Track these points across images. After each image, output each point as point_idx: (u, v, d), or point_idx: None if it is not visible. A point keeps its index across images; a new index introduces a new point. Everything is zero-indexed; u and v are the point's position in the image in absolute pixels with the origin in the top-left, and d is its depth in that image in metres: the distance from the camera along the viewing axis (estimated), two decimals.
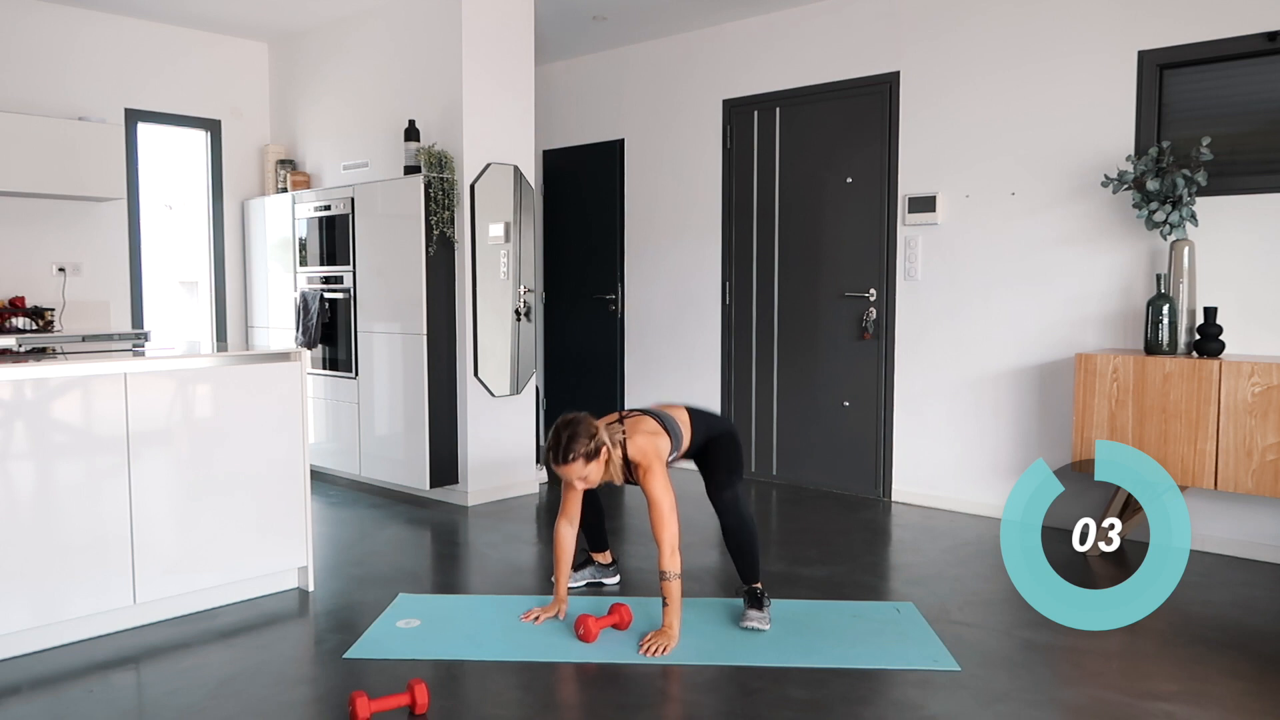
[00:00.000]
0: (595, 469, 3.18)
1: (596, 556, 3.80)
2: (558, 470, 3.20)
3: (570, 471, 3.17)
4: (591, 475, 3.19)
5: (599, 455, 3.18)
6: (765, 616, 3.31)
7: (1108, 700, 2.76)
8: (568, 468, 3.16)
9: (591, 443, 3.16)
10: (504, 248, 5.23)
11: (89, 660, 3.06)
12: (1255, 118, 4.16)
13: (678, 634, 3.16)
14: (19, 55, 5.48)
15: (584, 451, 3.15)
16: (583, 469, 3.16)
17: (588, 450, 3.16)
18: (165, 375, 3.34)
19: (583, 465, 3.16)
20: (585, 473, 3.17)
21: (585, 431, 3.16)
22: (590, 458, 3.16)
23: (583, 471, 3.17)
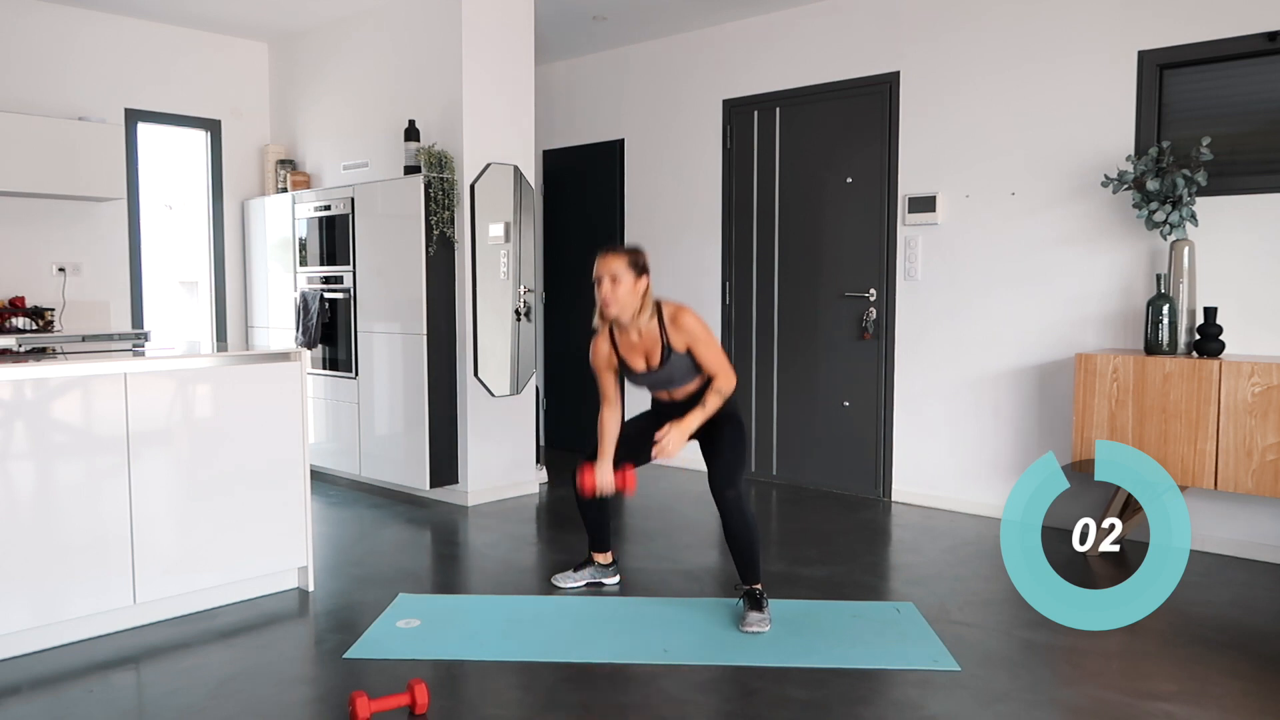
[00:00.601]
0: (629, 282, 3.26)
1: (598, 557, 3.79)
2: (599, 261, 3.28)
3: (611, 263, 3.25)
4: (623, 287, 3.25)
5: (640, 276, 3.29)
6: (765, 618, 3.31)
7: (1108, 700, 2.76)
8: (613, 257, 3.26)
9: (644, 261, 3.30)
10: (504, 248, 5.23)
11: (89, 660, 3.06)
12: (1255, 118, 4.16)
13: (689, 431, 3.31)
14: (19, 55, 5.48)
15: (632, 261, 3.27)
16: (622, 270, 3.25)
17: (636, 260, 3.28)
18: (165, 375, 3.34)
19: (624, 266, 3.25)
20: (622, 275, 3.24)
21: (643, 255, 3.32)
22: (634, 269, 3.27)
23: (622, 272, 3.24)
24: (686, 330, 3.32)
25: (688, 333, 3.32)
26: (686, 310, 3.35)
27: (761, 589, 3.40)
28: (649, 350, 3.38)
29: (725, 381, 3.37)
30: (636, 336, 3.39)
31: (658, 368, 3.38)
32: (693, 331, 3.32)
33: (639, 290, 3.29)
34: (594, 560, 3.78)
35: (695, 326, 3.33)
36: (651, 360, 3.38)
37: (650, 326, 3.35)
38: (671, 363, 3.36)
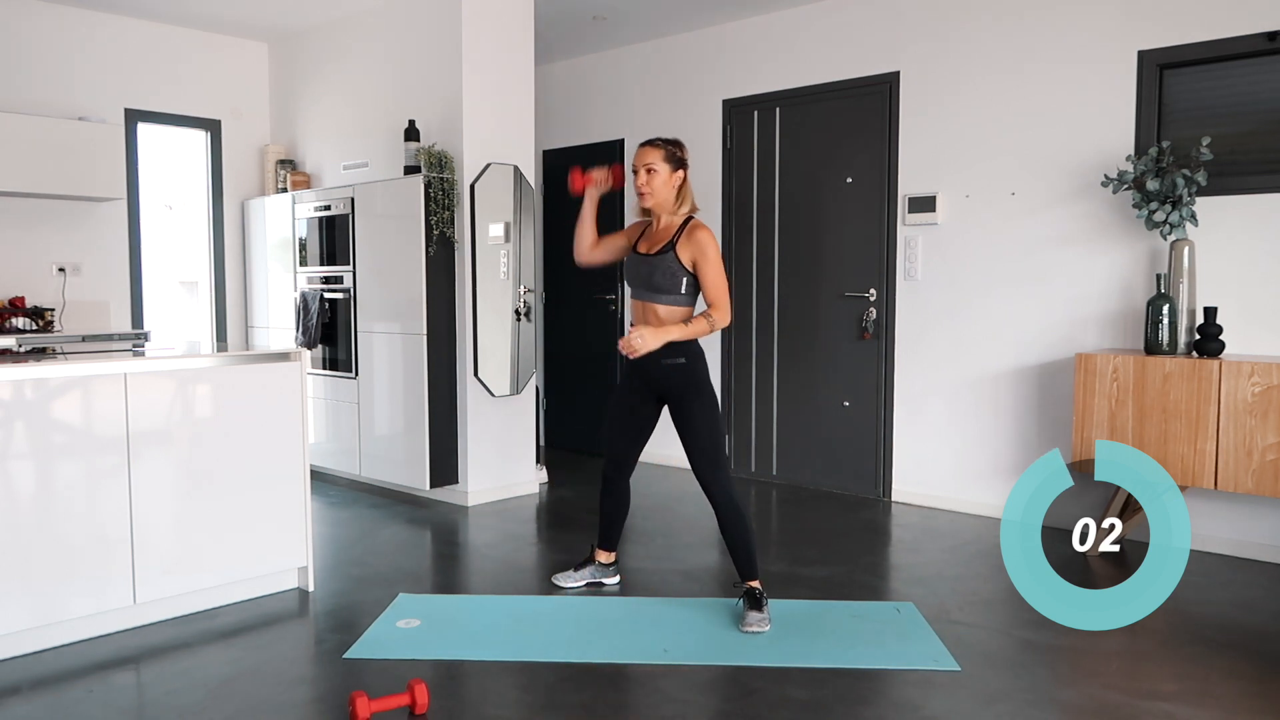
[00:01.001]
0: (664, 173, 3.33)
1: (601, 555, 3.75)
2: (640, 150, 3.36)
3: (647, 155, 3.33)
4: (659, 178, 3.33)
5: (678, 168, 3.36)
6: (765, 618, 3.31)
7: (1108, 700, 2.76)
8: (649, 149, 3.34)
9: (681, 156, 3.37)
10: (504, 248, 5.23)
11: (89, 660, 3.06)
12: (1255, 118, 4.16)
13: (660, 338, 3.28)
14: (19, 55, 5.48)
15: (669, 154, 3.34)
16: (659, 160, 3.33)
17: (674, 153, 3.35)
18: (165, 375, 3.34)
19: (661, 158, 3.33)
20: (658, 166, 3.32)
21: (683, 149, 3.40)
22: (671, 161, 3.34)
23: (659, 163, 3.32)
24: (697, 242, 3.31)
25: (697, 245, 3.31)
26: (707, 230, 3.36)
27: (760, 587, 3.40)
28: (657, 242, 3.41)
29: (721, 314, 3.33)
30: (657, 226, 3.46)
31: (651, 254, 3.38)
32: (702, 246, 3.31)
33: (674, 183, 3.36)
34: (595, 559, 3.75)
35: (708, 243, 3.32)
36: (652, 248, 3.41)
37: (672, 222, 3.41)
38: (664, 259, 3.34)
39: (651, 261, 3.38)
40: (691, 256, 3.33)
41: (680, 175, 3.38)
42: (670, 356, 3.35)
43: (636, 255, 3.47)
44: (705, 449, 3.36)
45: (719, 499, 3.36)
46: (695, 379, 3.38)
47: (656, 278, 3.36)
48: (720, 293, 3.34)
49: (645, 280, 3.40)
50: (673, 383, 3.38)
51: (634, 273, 3.46)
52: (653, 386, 3.45)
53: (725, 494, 3.35)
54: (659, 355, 3.35)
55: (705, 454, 3.36)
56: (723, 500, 3.36)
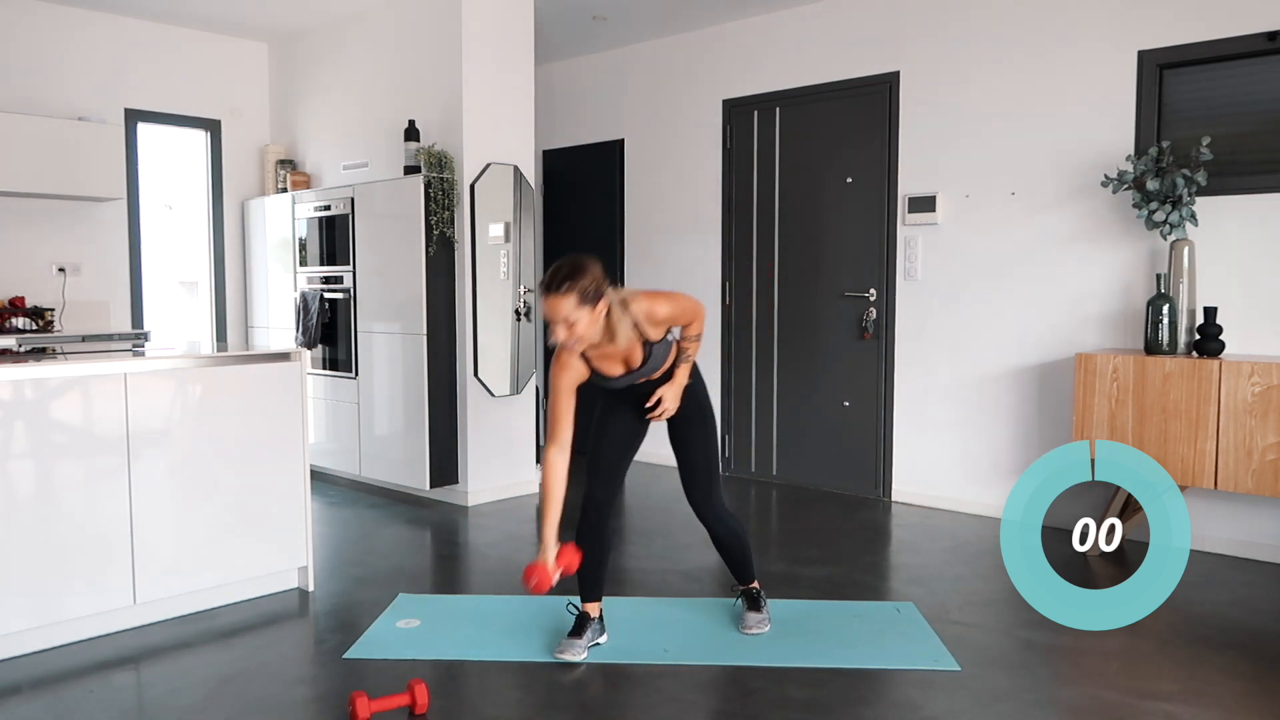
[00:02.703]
0: (586, 318, 2.77)
1: (591, 609, 3.18)
2: (545, 303, 2.77)
3: (559, 307, 2.74)
4: (581, 324, 2.77)
5: (596, 303, 2.78)
6: (765, 618, 3.30)
7: (1108, 700, 2.76)
8: (558, 300, 2.73)
9: (594, 285, 2.76)
10: (504, 248, 5.23)
11: (89, 660, 3.06)
12: (1255, 118, 4.16)
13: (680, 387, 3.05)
14: (19, 55, 5.48)
15: (581, 288, 2.74)
16: (573, 309, 2.75)
17: (585, 289, 2.75)
18: (165, 375, 3.34)
19: (574, 304, 2.75)
20: (575, 316, 2.75)
21: (591, 271, 2.77)
22: (586, 299, 2.76)
23: (573, 313, 2.75)
24: (664, 320, 2.96)
25: (665, 320, 2.97)
26: (656, 300, 2.95)
27: (759, 588, 3.38)
28: (628, 354, 2.99)
29: (698, 324, 3.06)
30: (612, 348, 2.96)
31: (640, 365, 3.00)
32: (670, 317, 2.97)
33: (599, 316, 2.80)
34: (589, 616, 3.18)
35: (670, 310, 2.96)
36: (632, 361, 3.00)
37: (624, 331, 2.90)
38: (654, 355, 3.00)
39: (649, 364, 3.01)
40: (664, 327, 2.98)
41: (603, 304, 2.80)
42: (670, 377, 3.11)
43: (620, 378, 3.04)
44: (700, 472, 3.17)
45: (713, 525, 3.20)
46: (698, 400, 3.18)
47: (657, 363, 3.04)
48: (689, 312, 3.02)
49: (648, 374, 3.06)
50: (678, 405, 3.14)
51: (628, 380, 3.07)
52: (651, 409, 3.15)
53: (719, 520, 3.20)
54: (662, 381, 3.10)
55: (700, 477, 3.18)
56: (718, 527, 3.21)
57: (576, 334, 2.80)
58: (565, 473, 3.00)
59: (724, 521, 3.22)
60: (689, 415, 3.16)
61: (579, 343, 2.85)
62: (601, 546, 3.17)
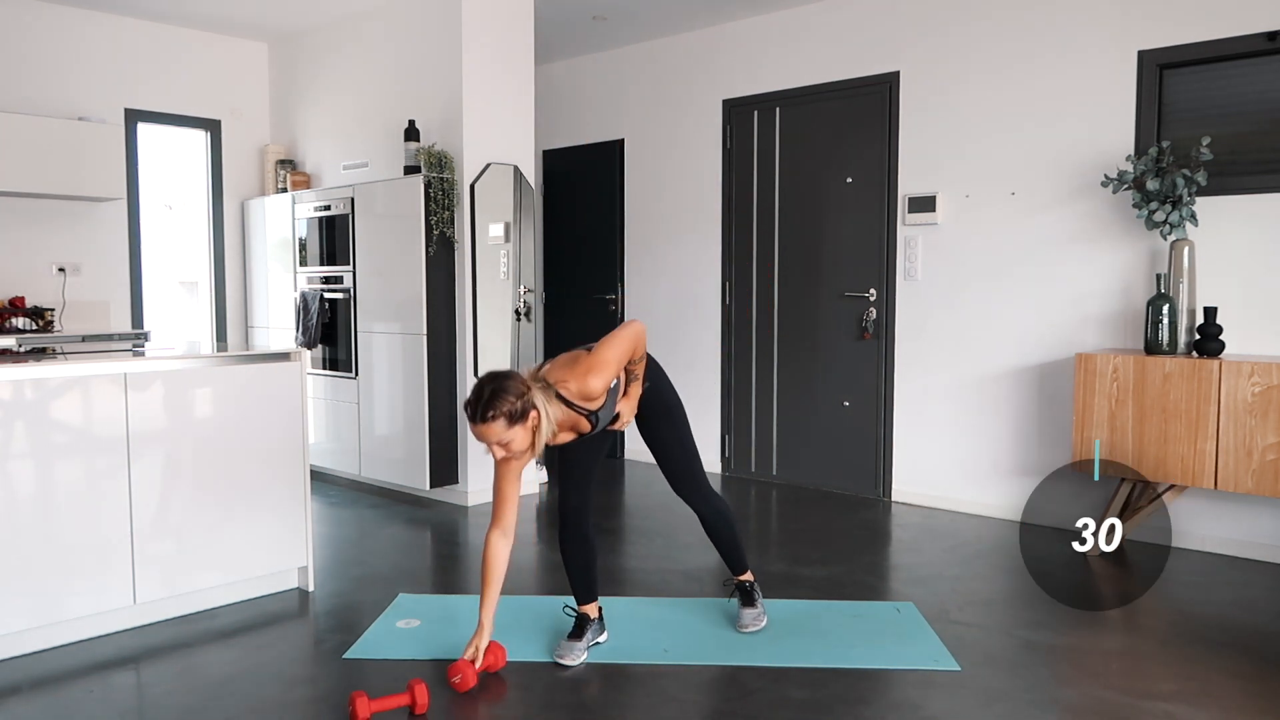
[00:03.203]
0: (520, 434, 2.71)
1: (589, 610, 3.17)
2: (474, 431, 2.72)
3: (489, 433, 2.68)
4: (516, 442, 2.72)
5: (525, 418, 2.70)
6: (760, 613, 3.30)
7: (1108, 700, 2.76)
8: (486, 428, 2.67)
9: (519, 401, 2.68)
10: (504, 248, 5.23)
11: (89, 660, 3.06)
12: (1255, 118, 4.16)
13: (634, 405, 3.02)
14: (19, 55, 5.48)
15: (507, 410, 2.67)
16: (504, 432, 2.68)
17: (512, 409, 2.68)
18: (165, 375, 3.34)
19: (504, 427, 2.68)
20: (508, 437, 2.69)
21: (513, 388, 2.69)
22: (514, 419, 2.68)
23: (504, 435, 2.69)
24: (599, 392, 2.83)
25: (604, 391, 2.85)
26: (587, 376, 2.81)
27: (752, 581, 3.36)
28: (574, 426, 2.90)
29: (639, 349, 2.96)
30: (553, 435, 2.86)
31: (591, 430, 2.94)
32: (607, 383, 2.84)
33: (530, 428, 2.72)
34: (589, 617, 3.17)
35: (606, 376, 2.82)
36: (581, 429, 2.92)
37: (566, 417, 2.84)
38: (601, 419, 2.93)
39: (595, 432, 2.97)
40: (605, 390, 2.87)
41: (533, 416, 2.71)
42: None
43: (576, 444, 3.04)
44: (678, 462, 3.17)
45: (700, 508, 3.23)
46: (661, 398, 3.15)
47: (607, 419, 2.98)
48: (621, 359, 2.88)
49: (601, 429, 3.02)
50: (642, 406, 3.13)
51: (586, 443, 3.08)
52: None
53: (705, 503, 3.21)
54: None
55: (680, 467, 3.17)
56: (704, 509, 3.22)
57: (514, 451, 2.75)
58: (506, 556, 2.98)
59: (710, 503, 3.22)
60: (655, 414, 3.14)
61: (520, 458, 2.81)
62: (586, 551, 3.14)
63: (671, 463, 3.18)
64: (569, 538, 3.14)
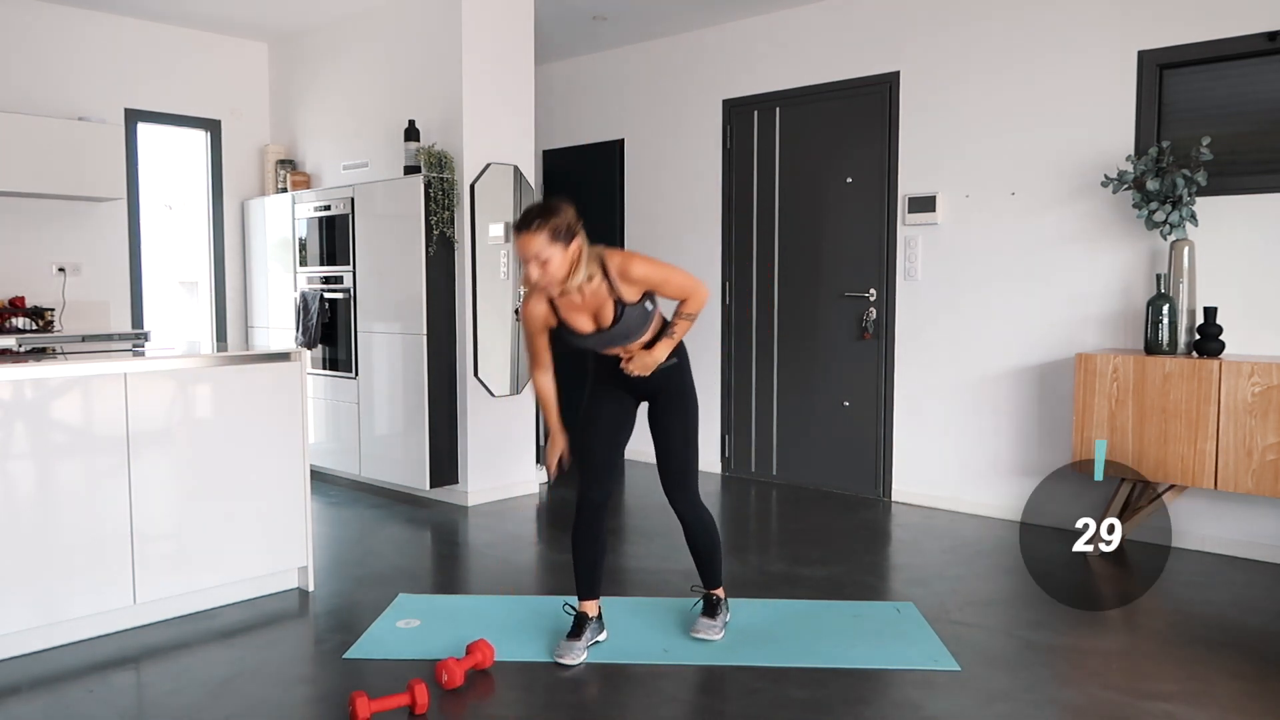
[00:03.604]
0: (559, 257, 2.72)
1: (588, 607, 3.14)
2: (517, 242, 2.73)
3: (532, 243, 2.69)
4: (553, 263, 2.72)
5: (569, 242, 2.74)
6: (717, 625, 3.22)
7: (1108, 700, 2.76)
8: (531, 236, 2.69)
9: (567, 224, 2.72)
10: (504, 248, 5.23)
11: (89, 660, 3.06)
12: (1255, 118, 4.16)
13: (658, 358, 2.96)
14: (19, 55, 5.48)
15: (553, 225, 2.70)
16: (546, 246, 2.70)
17: (558, 226, 2.71)
18: (165, 375, 3.34)
19: (547, 241, 2.70)
20: (548, 254, 2.71)
21: (565, 213, 2.74)
22: (558, 237, 2.71)
23: (545, 250, 2.70)
24: (638, 279, 2.86)
25: (640, 281, 2.87)
26: (633, 258, 2.87)
27: (721, 595, 3.27)
28: (598, 309, 2.90)
29: (695, 302, 2.95)
30: (580, 298, 2.88)
31: (610, 326, 2.90)
32: (646, 277, 2.87)
33: (570, 258, 2.76)
34: (588, 615, 3.13)
35: (647, 271, 2.87)
36: (603, 319, 2.91)
37: (596, 286, 2.85)
38: (626, 317, 2.89)
39: (620, 326, 2.92)
40: (642, 288, 2.89)
41: (576, 245, 2.76)
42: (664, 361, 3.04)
43: (591, 336, 2.96)
44: (676, 459, 3.11)
45: (686, 515, 3.14)
46: (684, 383, 3.12)
47: (632, 330, 2.95)
48: (685, 287, 2.94)
49: (623, 339, 2.97)
50: (661, 386, 3.09)
51: (599, 345, 3.01)
52: (637, 391, 3.14)
53: (693, 510, 3.13)
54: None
55: (675, 464, 3.11)
56: (690, 516, 3.14)
57: (549, 272, 2.74)
58: (554, 386, 3.16)
59: (697, 511, 3.15)
60: (671, 402, 3.10)
61: (552, 284, 2.79)
62: (596, 548, 3.12)
63: (670, 457, 3.12)
64: (582, 532, 3.11)
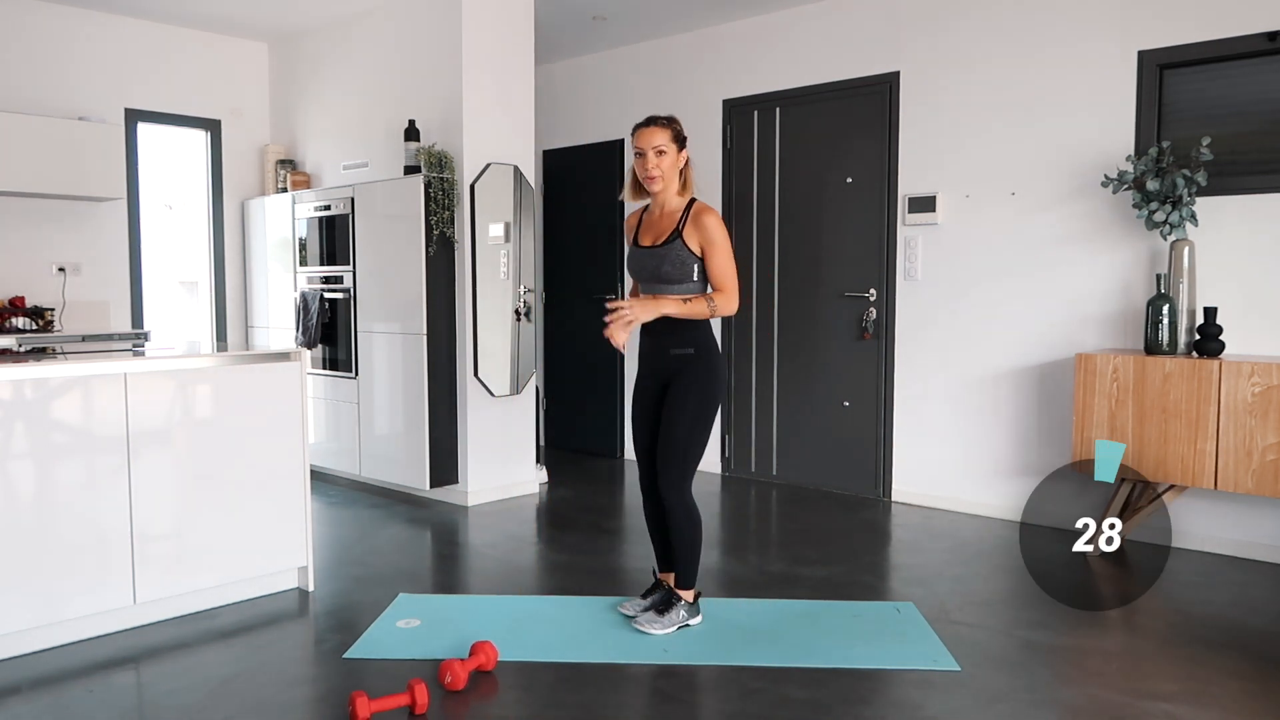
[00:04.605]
0: (671, 156, 3.17)
1: (664, 576, 3.43)
2: (642, 133, 3.17)
3: (655, 136, 3.14)
4: (666, 159, 3.16)
5: (683, 147, 3.21)
6: (663, 623, 3.22)
7: (1108, 700, 2.76)
8: (658, 129, 3.15)
9: (683, 131, 3.22)
10: (504, 248, 5.23)
11: (89, 660, 3.06)
12: (1255, 118, 4.16)
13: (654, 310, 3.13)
14: (19, 55, 5.48)
15: (676, 128, 3.19)
16: (668, 142, 3.16)
17: (678, 130, 3.19)
18: (165, 375, 3.34)
19: (669, 139, 3.16)
20: (666, 148, 3.15)
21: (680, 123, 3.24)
22: (678, 139, 3.19)
23: (665, 143, 3.15)
24: (704, 228, 3.14)
25: (704, 231, 3.14)
26: (714, 213, 3.18)
27: (681, 598, 3.28)
28: (661, 233, 3.22)
29: (726, 301, 3.16)
30: (659, 213, 3.26)
31: (656, 245, 3.20)
32: (710, 233, 3.14)
33: (680, 162, 3.21)
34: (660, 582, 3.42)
35: (716, 229, 3.14)
36: (660, 234, 3.22)
37: (675, 206, 3.22)
38: (671, 249, 3.16)
39: (658, 253, 3.18)
40: (700, 242, 3.15)
41: (685, 155, 3.22)
42: (679, 346, 3.19)
43: (640, 250, 3.27)
44: (669, 448, 3.19)
45: (673, 505, 3.20)
46: (699, 373, 3.19)
47: (665, 268, 3.17)
48: (728, 279, 3.17)
49: (653, 272, 3.20)
50: (677, 372, 3.21)
51: (639, 266, 3.26)
52: (660, 378, 3.27)
53: (680, 501, 3.20)
54: (667, 345, 3.21)
55: (668, 453, 3.19)
56: (677, 508, 3.21)
57: (661, 167, 3.15)
58: None
59: (685, 502, 3.22)
60: (681, 393, 3.21)
61: (661, 179, 3.17)
62: (659, 528, 3.43)
63: (664, 445, 3.20)
64: (648, 509, 3.47)
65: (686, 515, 3.23)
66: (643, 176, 3.20)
